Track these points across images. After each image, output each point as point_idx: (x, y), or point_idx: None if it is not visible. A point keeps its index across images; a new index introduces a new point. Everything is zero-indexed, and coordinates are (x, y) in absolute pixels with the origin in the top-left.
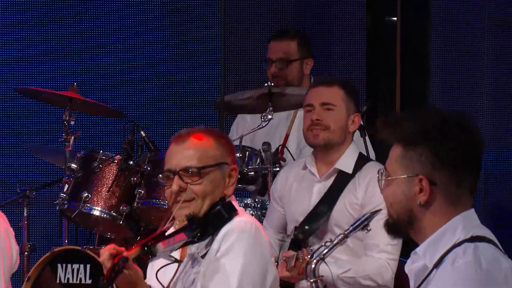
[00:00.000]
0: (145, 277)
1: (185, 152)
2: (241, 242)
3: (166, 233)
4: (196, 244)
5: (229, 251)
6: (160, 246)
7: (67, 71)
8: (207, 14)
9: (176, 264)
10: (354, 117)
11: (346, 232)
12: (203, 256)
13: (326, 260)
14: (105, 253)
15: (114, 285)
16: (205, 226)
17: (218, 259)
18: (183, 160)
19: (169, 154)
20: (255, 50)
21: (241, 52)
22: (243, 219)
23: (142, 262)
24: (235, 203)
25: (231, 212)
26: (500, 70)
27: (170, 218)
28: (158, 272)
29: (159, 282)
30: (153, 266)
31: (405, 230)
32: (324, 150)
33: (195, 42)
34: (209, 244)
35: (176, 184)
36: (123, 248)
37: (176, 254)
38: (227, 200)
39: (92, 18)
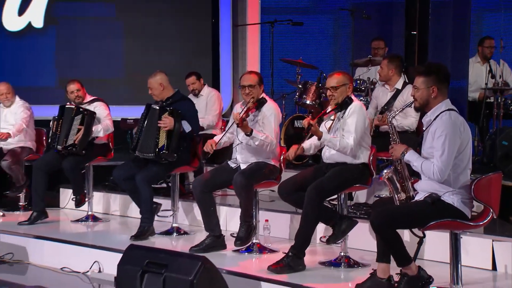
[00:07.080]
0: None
1: (331, 80)
2: (355, 111)
3: (327, 111)
4: (340, 112)
5: (351, 114)
6: (324, 117)
7: (295, 49)
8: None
9: (331, 121)
10: (393, 71)
11: (403, 107)
12: (342, 117)
13: (395, 118)
14: (305, 122)
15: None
16: (342, 106)
17: (346, 118)
18: (330, 83)
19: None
20: (363, 39)
21: (359, 40)
22: (355, 103)
23: (319, 124)
24: (352, 97)
25: (351, 99)
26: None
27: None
28: (324, 124)
29: (325, 128)
30: (322, 125)
31: (424, 107)
32: (385, 82)
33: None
34: (344, 112)
35: (328, 93)
36: (310, 119)
37: (332, 117)
38: (349, 95)
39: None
